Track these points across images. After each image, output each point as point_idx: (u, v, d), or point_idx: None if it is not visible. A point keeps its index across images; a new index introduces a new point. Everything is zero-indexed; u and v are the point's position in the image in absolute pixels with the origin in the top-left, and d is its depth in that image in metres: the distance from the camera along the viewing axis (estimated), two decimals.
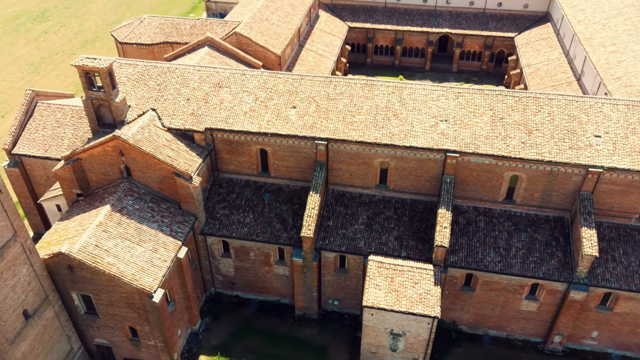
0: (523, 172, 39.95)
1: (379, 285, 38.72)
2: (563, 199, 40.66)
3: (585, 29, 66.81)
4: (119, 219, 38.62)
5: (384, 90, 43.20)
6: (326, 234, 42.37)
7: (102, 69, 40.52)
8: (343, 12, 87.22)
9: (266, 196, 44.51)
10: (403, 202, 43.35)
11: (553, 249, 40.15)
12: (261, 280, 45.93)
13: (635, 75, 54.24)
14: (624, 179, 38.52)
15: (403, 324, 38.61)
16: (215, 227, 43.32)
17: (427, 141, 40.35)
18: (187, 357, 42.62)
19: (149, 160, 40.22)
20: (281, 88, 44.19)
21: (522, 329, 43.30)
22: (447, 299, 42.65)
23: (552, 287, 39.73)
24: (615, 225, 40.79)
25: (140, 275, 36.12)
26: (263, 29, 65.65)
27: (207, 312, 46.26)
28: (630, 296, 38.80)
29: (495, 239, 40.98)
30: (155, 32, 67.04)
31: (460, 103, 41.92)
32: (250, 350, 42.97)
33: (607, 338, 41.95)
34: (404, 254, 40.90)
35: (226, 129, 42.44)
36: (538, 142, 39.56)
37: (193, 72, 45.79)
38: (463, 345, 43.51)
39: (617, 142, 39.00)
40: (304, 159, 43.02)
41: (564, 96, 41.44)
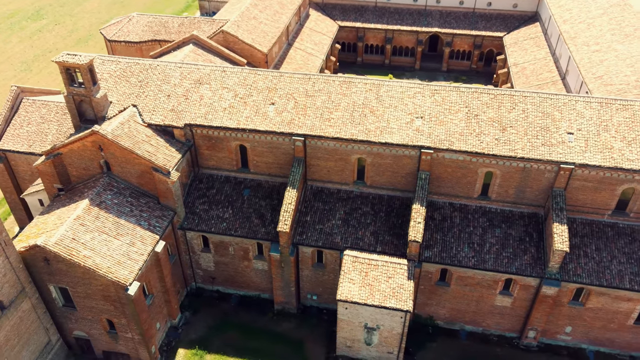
0: (497, 169, 40.40)
1: (353, 279, 39.20)
2: (537, 195, 41.10)
3: (570, 28, 67.25)
4: (97, 213, 39.15)
5: (361, 88, 43.70)
6: (303, 229, 42.86)
7: (82, 65, 41.13)
8: (334, 11, 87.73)
9: (245, 192, 45.02)
10: (380, 198, 43.82)
11: (526, 245, 40.60)
12: (241, 275, 46.44)
13: (616, 74, 54.66)
14: (595, 175, 38.94)
15: (377, 318, 39.08)
16: (195, 222, 43.84)
17: (403, 137, 40.83)
18: (166, 350, 43.13)
19: (127, 155, 40.75)
20: (260, 85, 44.71)
21: (498, 324, 43.73)
22: (423, 294, 43.12)
23: (525, 282, 40.17)
24: (588, 221, 41.20)
25: (116, 268, 36.64)
26: (250, 28, 66.15)
27: (188, 306, 46.77)
28: (601, 291, 39.21)
29: (469, 235, 41.43)
30: (144, 30, 67.61)
31: (436, 100, 42.39)
32: (228, 344, 43.46)
33: (580, 333, 42.35)
34: (379, 249, 41.37)
35: (205, 124, 42.96)
36: (511, 138, 40.01)
37: (174, 69, 46.34)
38: (439, 340, 43.95)
39: (589, 139, 39.43)
40: (283, 155, 43.52)
41: (539, 94, 41.89)
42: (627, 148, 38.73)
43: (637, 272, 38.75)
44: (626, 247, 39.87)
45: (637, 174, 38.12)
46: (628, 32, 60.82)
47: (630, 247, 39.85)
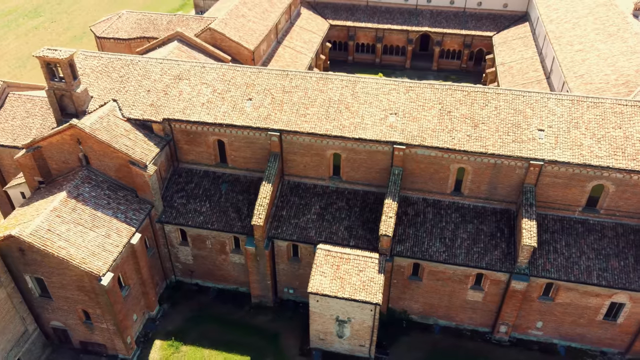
0: (469, 165, 40.88)
1: (325, 272, 39.76)
2: (509, 192, 41.57)
3: (556, 27, 67.64)
4: (73, 205, 39.86)
5: (337, 84, 44.27)
6: (279, 223, 43.47)
7: (62, 60, 41.90)
8: (325, 10, 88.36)
9: (223, 186, 45.66)
10: (355, 193, 44.38)
11: (497, 240, 41.07)
12: (219, 269, 47.09)
13: (597, 73, 55.03)
14: (565, 172, 39.38)
15: (347, 311, 39.64)
16: (172, 216, 44.52)
17: (376, 133, 41.37)
18: (143, 341, 43.81)
19: (105, 149, 41.46)
20: (239, 81, 45.35)
21: (470, 319, 44.21)
22: (396, 288, 43.65)
23: (495, 277, 40.64)
24: (559, 217, 41.64)
25: (90, 259, 37.34)
26: (238, 25, 66.80)
27: (167, 298, 47.45)
28: (569, 287, 39.65)
29: (442, 230, 41.93)
30: (133, 27, 68.39)
31: (411, 97, 42.92)
32: (204, 336, 44.09)
33: (551, 328, 42.78)
34: (352, 243, 41.93)
35: (183, 119, 43.63)
36: (483, 135, 40.49)
37: (155, 65, 47.04)
38: (413, 334, 44.46)
39: (559, 136, 39.88)
40: (259, 149, 44.14)
41: (512, 91, 42.37)
42: (597, 145, 39.16)
43: (605, 268, 39.17)
44: (595, 244, 40.28)
45: (606, 171, 38.52)
46: (611, 31, 61.11)
47: (599, 244, 40.27)
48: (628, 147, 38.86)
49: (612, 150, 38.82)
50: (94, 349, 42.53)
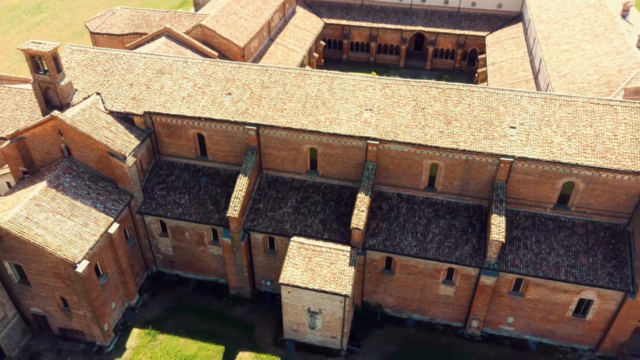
0: (441, 161, 41.42)
1: (297, 264, 40.48)
2: (481, 188, 42.04)
3: (545, 28, 67.87)
4: (53, 195, 40.89)
5: (315, 80, 44.97)
6: (255, 215, 44.24)
7: (46, 53, 42.96)
8: (321, 9, 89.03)
9: (203, 179, 46.52)
10: (331, 188, 45.05)
11: (469, 236, 41.56)
12: (198, 260, 47.95)
13: (580, 73, 55.28)
14: (535, 169, 39.80)
15: (318, 302, 40.33)
16: (152, 207, 45.44)
17: (350, 129, 42.02)
18: (122, 329, 44.75)
19: (85, 140, 42.46)
20: (219, 75, 46.18)
21: (443, 314, 44.71)
22: (370, 282, 44.26)
23: (466, 272, 41.14)
24: (531, 214, 42.05)
25: (67, 247, 38.33)
26: (230, 22, 67.69)
27: (147, 289, 48.39)
28: (538, 282, 40.06)
29: (414, 225, 42.49)
30: (126, 23, 69.53)
31: (386, 93, 43.52)
32: (181, 325, 44.97)
33: (522, 324, 43.18)
34: (326, 236, 42.59)
35: (163, 112, 44.54)
36: (455, 131, 41.01)
37: (139, 59, 48.01)
38: (386, 328, 45.03)
39: (530, 133, 40.30)
40: (238, 143, 44.94)
41: (486, 88, 42.86)
42: (567, 143, 39.55)
43: (574, 265, 39.55)
44: (565, 240, 40.67)
45: (575, 168, 38.91)
46: (598, 32, 61.27)
47: (569, 240, 40.65)
48: (598, 145, 39.21)
49: (581, 148, 39.19)
50: (72, 335, 43.52)
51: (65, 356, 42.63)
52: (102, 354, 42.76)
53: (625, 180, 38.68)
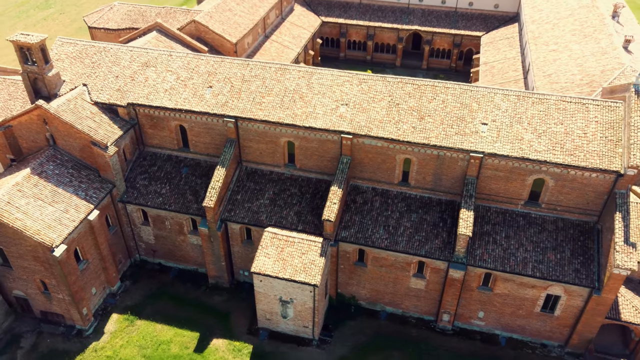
0: (413, 156, 42.06)
1: (269, 254, 41.40)
2: (453, 183, 42.60)
3: (536, 28, 68.11)
4: (36, 181, 42.27)
5: (295, 75, 45.84)
6: (233, 206, 45.25)
7: (34, 44, 44.41)
8: (319, 7, 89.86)
9: (184, 170, 47.65)
10: (308, 181, 45.89)
11: (439, 230, 42.15)
12: (179, 249, 49.09)
13: (564, 73, 55.55)
14: (505, 165, 40.29)
15: (289, 291, 41.21)
16: (134, 196, 46.67)
17: (326, 123, 42.83)
18: (102, 314, 46.02)
19: (69, 129, 43.80)
20: (202, 69, 47.27)
21: (415, 307, 45.32)
22: (344, 274, 45.02)
23: (435, 265, 41.74)
24: (502, 210, 42.53)
25: (45, 231, 39.65)
26: (224, 19, 68.87)
27: (130, 276, 49.64)
28: (506, 277, 40.53)
29: (386, 218, 43.18)
30: (123, 18, 71.02)
31: (363, 89, 44.25)
32: (159, 312, 46.12)
33: (493, 319, 43.65)
34: (300, 227, 43.46)
35: (146, 104, 45.73)
36: (428, 127, 41.62)
37: (125, 52, 49.29)
38: (359, 319, 45.76)
39: (501, 130, 40.79)
40: (218, 135, 45.99)
41: (460, 85, 43.40)
42: (537, 140, 39.98)
43: (541, 260, 39.98)
44: (535, 237, 41.10)
45: (544, 165, 39.33)
46: (587, 32, 61.40)
47: (538, 237, 41.07)
48: (567, 142, 39.60)
49: (551, 145, 39.61)
50: (53, 318, 44.87)
51: (46, 338, 43.99)
52: (80, 337, 44.05)
53: (594, 177, 39.02)
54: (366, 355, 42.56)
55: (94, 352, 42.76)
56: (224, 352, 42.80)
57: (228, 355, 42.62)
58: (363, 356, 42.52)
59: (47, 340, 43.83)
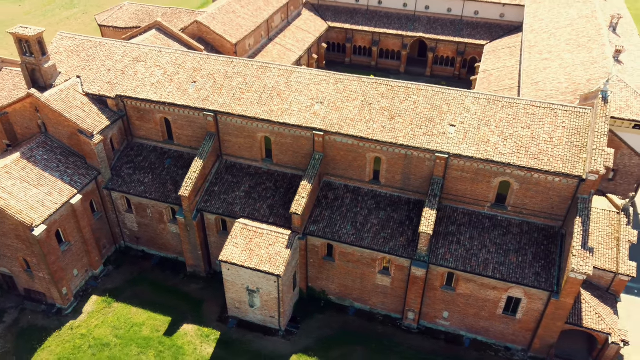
0: (383, 155, 43.00)
1: (238, 244, 42.82)
2: (421, 183, 43.32)
3: (533, 37, 68.23)
4: (24, 165, 44.74)
5: (275, 73, 47.38)
6: (210, 197, 46.90)
7: (31, 36, 47.11)
8: (327, 13, 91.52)
9: (167, 161, 49.59)
10: (284, 176, 47.23)
11: (405, 228, 42.88)
12: (160, 238, 50.96)
13: (551, 81, 55.68)
14: (470, 166, 40.86)
15: (255, 281, 42.51)
16: (118, 184, 48.80)
17: (300, 119, 44.17)
18: (82, 295, 48.09)
19: (58, 118, 46.23)
20: (188, 65, 49.26)
21: (382, 304, 46.00)
22: (314, 268, 46.08)
23: (399, 262, 42.45)
24: (469, 211, 43.02)
25: (27, 212, 41.95)
26: (226, 20, 71.11)
27: (114, 261, 51.71)
28: (468, 277, 40.95)
29: (355, 215, 44.13)
30: (131, 17, 73.99)
31: (338, 88, 45.47)
32: (137, 296, 47.95)
33: (457, 319, 43.99)
34: (271, 220, 44.79)
35: (133, 96, 47.89)
36: (397, 127, 42.54)
37: (119, 47, 51.71)
38: (328, 313, 46.66)
39: (468, 132, 41.41)
40: (199, 129, 47.79)
41: (433, 87, 44.20)
42: (503, 143, 40.46)
43: (503, 262, 40.30)
44: (499, 239, 41.45)
45: (508, 168, 39.77)
46: (582, 42, 61.29)
47: (502, 239, 41.42)
48: (532, 146, 39.98)
49: (516, 148, 40.04)
50: (35, 296, 47.13)
51: (27, 315, 46.26)
52: (60, 316, 46.16)
53: (557, 182, 39.28)
54: (329, 349, 43.43)
55: (70, 330, 44.77)
56: (192, 337, 44.27)
57: (196, 340, 44.08)
58: (326, 349, 43.40)
59: (29, 317, 46.09)
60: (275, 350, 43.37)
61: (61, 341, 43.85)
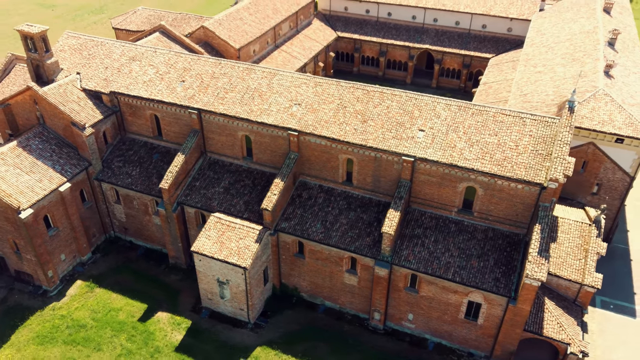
0: (354, 157, 44.16)
1: (210, 236, 44.54)
2: (391, 186, 44.24)
3: (532, 50, 68.38)
4: (19, 153, 47.72)
5: (259, 75, 49.28)
6: (190, 191, 48.88)
7: (35, 34, 50.36)
8: (337, 23, 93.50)
9: (155, 156, 51.90)
10: (262, 174, 48.87)
11: (372, 229, 43.79)
12: (145, 229, 53.18)
13: (539, 93, 55.85)
14: (436, 170, 41.62)
15: (225, 273, 44.08)
16: (107, 175, 51.33)
17: (277, 119, 45.82)
18: (68, 279, 50.56)
19: (54, 110, 49.16)
20: (179, 65, 51.67)
21: (351, 303, 46.84)
22: (286, 264, 47.36)
23: (364, 262, 43.35)
24: (436, 215, 43.67)
25: (16, 196, 44.74)
26: (232, 26, 73.75)
27: (102, 249, 54.16)
28: (429, 280, 41.51)
29: (326, 214, 45.30)
30: (143, 21, 77.49)
31: (317, 91, 46.98)
32: (118, 283, 50.13)
33: (421, 322, 44.45)
34: (246, 215, 46.40)
35: (125, 93, 50.51)
36: (368, 130, 43.70)
37: (118, 47, 54.62)
38: (298, 310, 47.78)
39: (436, 137, 42.22)
40: (185, 126, 49.99)
41: (407, 93, 45.24)
42: (469, 148, 41.12)
43: (464, 266, 40.75)
44: (463, 243, 41.93)
45: (472, 173, 40.38)
46: (577, 56, 61.20)
47: (466, 244, 41.88)
48: (497, 153, 40.51)
49: (481, 154, 40.65)
50: (24, 278, 49.84)
51: (15, 295, 48.95)
52: (44, 297, 48.67)
53: (520, 189, 39.67)
54: (293, 343, 44.49)
55: (52, 311, 47.17)
56: (164, 324, 46.04)
57: (167, 327, 45.83)
58: (290, 343, 44.47)
59: (16, 297, 48.77)
60: (242, 342, 44.70)
61: (42, 320, 46.25)
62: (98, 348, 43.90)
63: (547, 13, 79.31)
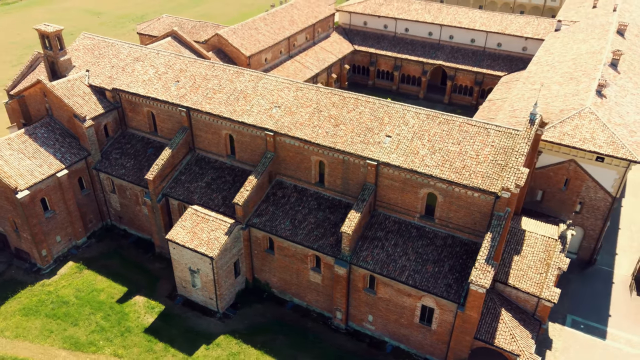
0: (325, 159, 45.91)
1: (185, 226, 47.16)
2: (358, 188, 45.62)
3: (535, 69, 68.35)
4: (25, 140, 52.10)
5: (247, 78, 51.98)
6: (175, 184, 51.82)
7: (50, 32, 55.11)
8: (356, 37, 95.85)
9: (150, 150, 55.30)
10: (244, 172, 51.26)
11: (337, 229, 45.17)
12: (137, 218, 56.49)
13: (527, 109, 55.92)
14: (398, 175, 42.79)
15: (195, 262, 46.50)
16: (104, 165, 55.08)
17: (256, 120, 48.24)
18: (62, 260, 54.29)
19: (60, 103, 53.44)
20: (177, 67, 55.11)
21: (316, 301, 48.19)
22: (257, 260, 49.34)
23: (326, 260, 44.76)
24: (400, 220, 44.68)
25: (16, 177, 48.90)
26: (246, 35, 77.30)
27: (98, 235, 57.83)
28: (385, 281, 42.46)
29: (296, 213, 47.10)
30: (165, 27, 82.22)
31: (297, 95, 49.16)
32: (105, 267, 53.44)
33: (380, 324, 45.26)
34: (222, 210, 48.81)
35: (125, 90, 54.31)
36: (339, 133, 45.40)
37: (125, 48, 58.76)
38: (267, 304, 49.53)
39: (401, 143, 43.45)
40: (177, 123, 53.17)
41: (380, 100, 46.71)
42: (431, 155, 42.12)
43: (419, 270, 41.52)
44: (421, 248, 42.74)
45: (431, 179, 41.33)
46: (576, 76, 60.89)
47: (425, 249, 42.66)
48: (457, 161, 41.32)
49: (441, 162, 41.56)
50: (22, 255, 53.92)
51: (12, 270, 53.06)
52: (37, 275, 52.49)
53: (477, 197, 40.29)
54: (255, 334, 46.22)
55: (41, 287, 50.86)
56: (139, 307, 48.80)
57: (141, 310, 48.56)
58: (252, 334, 46.23)
59: (12, 272, 52.85)
60: (207, 329, 46.82)
61: (30, 294, 49.97)
62: (75, 323, 47.06)
63: (561, 33, 78.93)
